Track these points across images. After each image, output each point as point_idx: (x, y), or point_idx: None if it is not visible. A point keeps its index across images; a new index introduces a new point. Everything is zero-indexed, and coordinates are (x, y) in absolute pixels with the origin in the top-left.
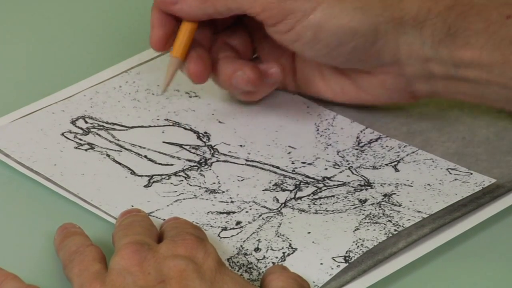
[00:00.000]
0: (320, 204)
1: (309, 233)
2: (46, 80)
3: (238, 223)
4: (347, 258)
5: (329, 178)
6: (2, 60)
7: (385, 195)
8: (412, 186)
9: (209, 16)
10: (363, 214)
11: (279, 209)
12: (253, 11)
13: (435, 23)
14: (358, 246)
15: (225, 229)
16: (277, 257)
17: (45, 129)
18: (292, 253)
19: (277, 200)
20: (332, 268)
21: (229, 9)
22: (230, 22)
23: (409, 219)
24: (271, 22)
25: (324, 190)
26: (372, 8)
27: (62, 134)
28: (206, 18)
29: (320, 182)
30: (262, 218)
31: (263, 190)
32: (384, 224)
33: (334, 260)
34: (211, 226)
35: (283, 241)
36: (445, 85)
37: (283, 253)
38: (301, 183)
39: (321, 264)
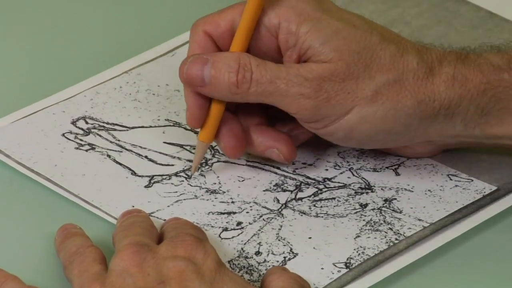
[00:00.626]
0: (321, 207)
1: (310, 238)
2: (46, 80)
3: (239, 223)
4: (348, 265)
5: (329, 179)
6: (2, 61)
7: (385, 200)
8: (412, 191)
9: (239, 102)
10: (363, 220)
11: (280, 210)
12: (287, 110)
13: (467, 108)
14: (359, 254)
15: (226, 229)
16: (278, 261)
17: (45, 129)
18: (293, 257)
19: (278, 201)
20: (333, 273)
21: (260, 102)
22: None
23: (410, 228)
24: (305, 121)
25: (325, 191)
26: (405, 107)
27: (63, 134)
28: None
29: (320, 183)
30: (263, 219)
31: (264, 191)
32: (385, 232)
33: (335, 265)
34: (212, 227)
35: (284, 245)
36: (477, 144)
37: (284, 257)
38: (302, 183)
39: (322, 269)
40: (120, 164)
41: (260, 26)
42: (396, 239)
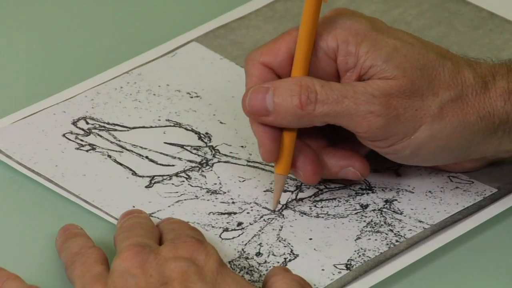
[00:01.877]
0: (322, 207)
1: (310, 239)
2: (47, 81)
3: (239, 224)
4: (348, 266)
5: (330, 180)
6: (3, 61)
7: (386, 201)
8: (413, 192)
9: (305, 126)
10: (364, 221)
11: (280, 210)
12: (355, 130)
13: None
14: (359, 256)
15: (226, 230)
16: (278, 262)
17: (46, 130)
18: (293, 259)
19: (278, 201)
20: (334, 274)
21: (327, 123)
22: None
23: (410, 229)
24: (371, 140)
25: (325, 192)
26: (470, 123)
27: (63, 135)
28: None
29: (321, 183)
30: (264, 219)
31: (264, 191)
32: (386, 234)
33: (335, 267)
34: (213, 227)
35: (285, 246)
36: None
37: (285, 258)
38: (302, 184)
39: (323, 270)
40: (121, 164)
41: (317, 50)
42: (397, 241)
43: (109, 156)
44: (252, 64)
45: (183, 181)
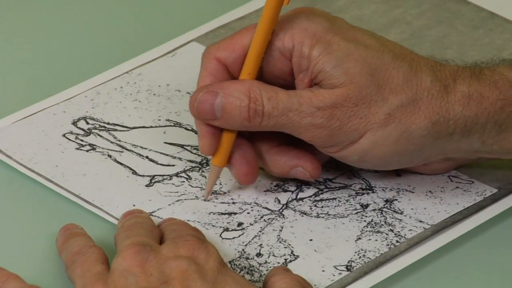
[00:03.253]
0: (322, 207)
1: (311, 240)
2: (47, 81)
3: (239, 224)
4: (349, 267)
5: (330, 180)
6: (3, 62)
7: (386, 201)
8: (413, 192)
9: (251, 130)
10: (364, 221)
11: (281, 210)
12: (301, 138)
13: (484, 126)
14: (360, 257)
15: (226, 229)
16: (279, 263)
17: (46, 130)
18: (294, 260)
19: (279, 201)
20: (334, 275)
21: (271, 130)
22: None
23: (410, 230)
24: (319, 147)
25: (326, 192)
26: (418, 129)
27: (64, 135)
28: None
29: (321, 183)
30: (264, 220)
31: (265, 191)
32: (386, 234)
33: (336, 268)
34: (213, 226)
35: (285, 247)
36: (496, 158)
37: (285, 259)
38: (302, 184)
39: (323, 271)
40: (121, 164)
41: (273, 49)
42: (397, 241)
43: (109, 156)
44: (208, 58)
45: (183, 181)
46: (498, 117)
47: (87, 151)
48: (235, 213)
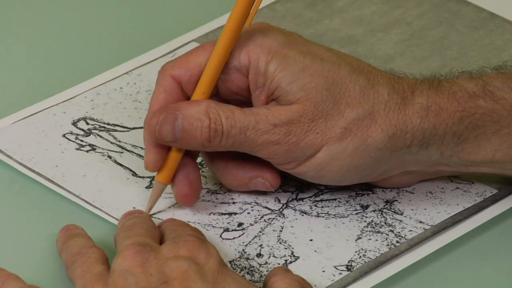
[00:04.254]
0: (322, 207)
1: (311, 240)
2: (47, 81)
3: (240, 224)
4: (349, 267)
5: None
6: (3, 62)
7: (386, 202)
8: (413, 193)
9: (207, 151)
10: (364, 221)
11: (281, 210)
12: (259, 155)
13: (442, 137)
14: (360, 256)
15: (227, 230)
16: (279, 264)
17: (46, 130)
18: (294, 260)
19: (279, 201)
20: (334, 275)
21: (228, 149)
22: None
23: (411, 230)
24: (276, 163)
25: (326, 192)
26: (375, 142)
27: (64, 135)
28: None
29: (321, 184)
30: (264, 220)
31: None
32: (386, 235)
33: (336, 268)
34: (213, 227)
35: (285, 248)
36: (456, 172)
37: (285, 260)
38: (302, 184)
39: (323, 271)
40: (121, 165)
41: (230, 67)
42: (397, 242)
43: (109, 157)
44: (163, 75)
45: None
46: (456, 128)
47: (87, 151)
48: (235, 213)
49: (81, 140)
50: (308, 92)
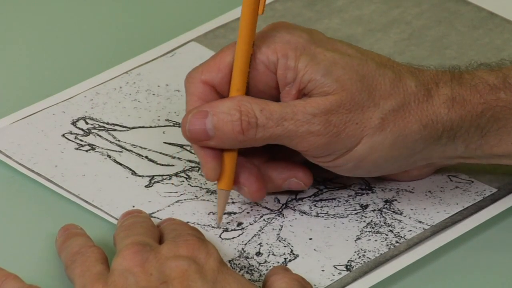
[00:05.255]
0: (321, 207)
1: (310, 239)
2: (46, 81)
3: (239, 224)
4: (348, 267)
5: (329, 180)
6: (2, 62)
7: (386, 201)
8: (413, 192)
9: (246, 147)
10: (364, 221)
11: (280, 210)
12: (296, 148)
13: (468, 129)
14: (359, 256)
15: (226, 230)
16: (278, 262)
17: (45, 130)
18: (293, 259)
19: (278, 201)
20: (334, 275)
21: (267, 143)
22: None
23: (410, 230)
24: (313, 156)
25: (325, 192)
26: (412, 132)
27: (63, 135)
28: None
29: (320, 183)
30: (264, 219)
31: None
32: (386, 235)
33: (335, 268)
34: (213, 227)
35: (285, 246)
36: (476, 162)
37: (285, 258)
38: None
39: (323, 271)
40: (120, 164)
41: (258, 64)
42: (397, 242)
43: (109, 156)
44: (193, 83)
45: (183, 181)
46: (479, 120)
47: (87, 151)
48: (235, 213)
49: (81, 140)
50: (343, 83)
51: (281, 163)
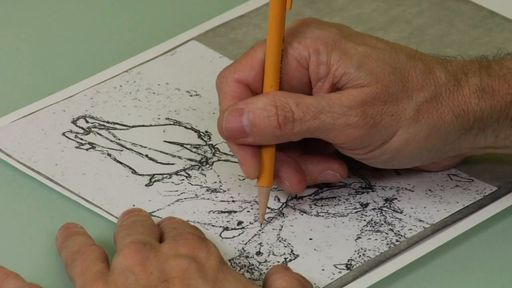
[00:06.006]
0: (322, 206)
1: (310, 239)
2: (46, 80)
3: (239, 223)
4: (348, 266)
5: None
6: (2, 60)
7: (386, 200)
8: (413, 191)
9: (283, 142)
10: (364, 220)
11: (281, 209)
12: (333, 141)
13: (497, 120)
14: (360, 256)
15: (226, 229)
16: (278, 262)
17: (46, 129)
18: (294, 259)
19: (278, 200)
20: (334, 274)
21: (304, 137)
22: None
23: (410, 229)
24: (349, 149)
25: (326, 190)
26: (445, 123)
27: (63, 134)
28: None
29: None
30: (264, 218)
31: None
32: (386, 234)
33: (335, 267)
34: (213, 226)
35: (285, 246)
36: (502, 152)
37: (285, 258)
38: None
39: (323, 270)
40: (121, 163)
41: (290, 60)
42: (397, 240)
43: (109, 155)
44: (226, 82)
45: (183, 179)
46: (508, 111)
47: (87, 149)
48: (235, 212)
49: (81, 139)
50: (377, 76)
51: (315, 156)
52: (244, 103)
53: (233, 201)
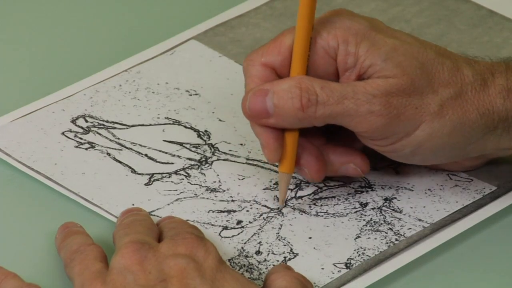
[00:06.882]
0: (321, 206)
1: (310, 238)
2: (46, 79)
3: (239, 222)
4: (348, 265)
5: (329, 178)
6: (2, 60)
7: (385, 199)
8: (412, 190)
9: (306, 126)
10: (364, 219)
11: (280, 208)
12: (355, 130)
13: None
14: (359, 254)
15: (226, 228)
16: (278, 261)
17: (45, 128)
18: (293, 257)
19: (278, 199)
20: (333, 273)
21: (327, 123)
22: None
23: (410, 228)
24: (371, 139)
25: (325, 190)
26: (469, 121)
27: (63, 133)
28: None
29: (320, 182)
30: (263, 218)
31: (264, 189)
32: (385, 233)
33: (335, 266)
34: (212, 225)
35: (284, 245)
36: None
37: (284, 257)
38: (302, 182)
39: (322, 269)
40: (120, 162)
41: (318, 49)
42: (396, 240)
43: (108, 154)
44: (253, 65)
45: (182, 179)
46: None
47: (86, 149)
48: (234, 211)
49: (80, 138)
50: (404, 69)
51: (339, 147)
52: (269, 84)
53: (232, 200)
